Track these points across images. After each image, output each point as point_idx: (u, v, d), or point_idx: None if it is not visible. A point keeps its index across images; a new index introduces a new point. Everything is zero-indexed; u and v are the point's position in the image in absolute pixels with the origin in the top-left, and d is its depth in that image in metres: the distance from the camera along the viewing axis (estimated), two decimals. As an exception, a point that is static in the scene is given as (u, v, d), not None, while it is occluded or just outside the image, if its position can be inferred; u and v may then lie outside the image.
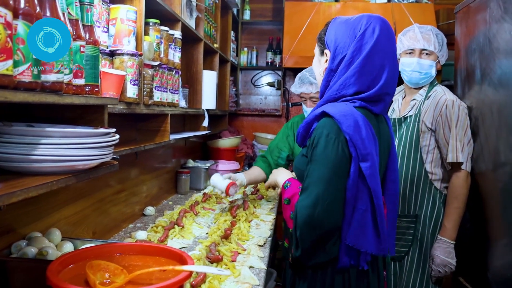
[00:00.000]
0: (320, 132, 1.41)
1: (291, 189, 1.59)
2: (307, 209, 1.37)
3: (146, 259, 1.15)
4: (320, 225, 1.37)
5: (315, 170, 1.40)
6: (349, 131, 1.37)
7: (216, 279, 1.57)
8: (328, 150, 1.38)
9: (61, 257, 1.07)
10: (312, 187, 1.38)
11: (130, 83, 1.78)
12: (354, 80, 1.44)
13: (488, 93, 2.17)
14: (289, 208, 1.54)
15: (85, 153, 1.09)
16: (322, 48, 1.57)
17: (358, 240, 1.42)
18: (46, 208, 1.60)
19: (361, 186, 1.41)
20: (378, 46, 1.44)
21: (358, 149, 1.38)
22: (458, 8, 2.52)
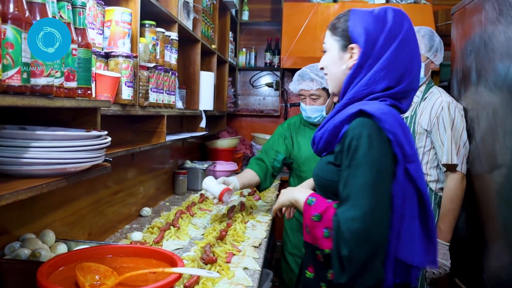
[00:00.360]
0: (359, 133, 1.24)
1: (320, 203, 1.34)
2: (355, 222, 1.18)
3: (138, 261, 1.15)
4: (372, 240, 1.19)
5: (358, 176, 1.22)
6: (392, 129, 1.23)
7: (209, 280, 1.57)
8: (372, 152, 1.22)
9: (52, 259, 1.07)
10: (357, 196, 1.21)
11: (125, 85, 1.79)
12: (384, 75, 1.32)
13: (484, 94, 2.18)
14: (321, 225, 1.29)
15: (76, 156, 1.10)
16: (345, 43, 1.40)
17: (409, 253, 1.26)
18: (40, 209, 1.61)
19: (409, 191, 1.27)
20: (406, 39, 1.34)
21: (404, 149, 1.25)
22: (454, 9, 2.52)
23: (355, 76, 1.37)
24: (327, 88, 2.30)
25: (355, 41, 1.37)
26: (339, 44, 1.43)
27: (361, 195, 1.20)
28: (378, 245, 1.20)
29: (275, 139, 2.68)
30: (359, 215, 1.18)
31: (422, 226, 1.29)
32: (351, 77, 1.37)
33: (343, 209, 1.22)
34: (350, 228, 1.18)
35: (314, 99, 2.50)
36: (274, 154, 2.61)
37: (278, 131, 2.72)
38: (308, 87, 2.49)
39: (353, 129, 1.26)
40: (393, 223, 1.24)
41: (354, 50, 1.38)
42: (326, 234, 1.27)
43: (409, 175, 1.26)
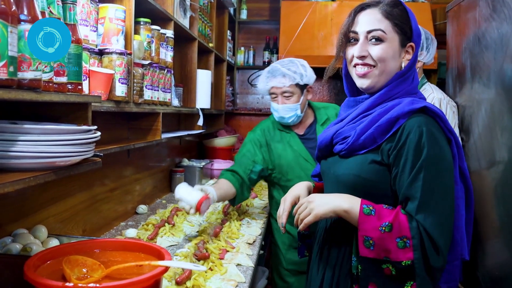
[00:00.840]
0: (427, 130, 1.18)
1: (383, 211, 1.21)
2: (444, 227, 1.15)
3: (126, 255, 1.16)
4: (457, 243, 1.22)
5: (436, 177, 1.16)
6: (452, 130, 1.24)
7: (201, 276, 1.58)
8: (445, 153, 1.19)
9: (40, 253, 1.08)
10: (439, 199, 1.16)
11: (119, 81, 1.80)
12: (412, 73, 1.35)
13: (479, 91, 2.18)
14: (393, 236, 1.16)
15: (64, 150, 1.11)
16: (405, 40, 1.33)
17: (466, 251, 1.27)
18: (33, 205, 1.61)
19: (461, 190, 1.26)
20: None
21: (460, 149, 1.26)
22: (450, 6, 2.52)
23: (405, 74, 1.32)
24: (300, 84, 2.26)
25: (414, 40, 1.34)
26: (401, 38, 1.33)
27: (443, 198, 1.16)
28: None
29: (249, 148, 2.38)
30: (445, 220, 1.15)
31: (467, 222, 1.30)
32: (403, 74, 1.32)
33: (424, 214, 1.15)
34: (441, 235, 1.13)
35: (287, 96, 2.28)
36: (250, 165, 2.31)
37: (250, 138, 2.42)
38: (280, 83, 2.26)
39: (418, 125, 1.19)
40: (458, 225, 1.23)
41: (410, 49, 1.34)
42: (402, 244, 1.15)
43: (462, 174, 1.26)
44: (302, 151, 2.33)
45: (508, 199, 1.93)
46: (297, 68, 2.27)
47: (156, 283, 1.00)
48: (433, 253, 1.13)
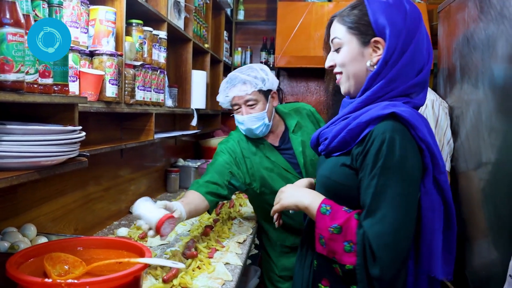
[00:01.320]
0: (391, 138, 1.13)
1: (338, 213, 1.21)
2: (385, 238, 1.10)
3: (109, 252, 1.18)
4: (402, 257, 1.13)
5: (389, 186, 1.13)
6: (425, 138, 1.16)
7: (188, 274, 1.61)
8: (405, 161, 1.13)
9: (23, 250, 1.11)
10: (388, 208, 1.12)
11: (109, 82, 1.82)
12: (408, 70, 1.23)
13: (468, 92, 2.20)
14: (342, 238, 1.18)
15: (48, 150, 1.13)
16: (367, 38, 1.26)
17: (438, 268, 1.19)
18: (24, 204, 1.64)
19: (437, 203, 1.20)
20: (423, 29, 1.25)
21: (435, 159, 1.18)
22: (441, 7, 2.54)
23: (380, 72, 1.24)
24: (264, 89, 2.10)
25: (379, 33, 1.24)
26: (358, 38, 1.28)
27: (393, 208, 1.11)
28: (405, 262, 1.15)
29: (226, 158, 2.15)
30: (390, 230, 1.10)
31: (445, 239, 1.22)
32: (376, 73, 1.24)
33: (371, 222, 1.13)
34: (380, 245, 1.10)
35: (251, 105, 2.10)
36: (228, 176, 2.09)
37: (225, 148, 2.21)
38: (241, 92, 2.08)
39: (382, 132, 1.15)
40: (425, 238, 1.18)
41: (378, 44, 1.25)
42: (348, 248, 1.16)
43: (438, 186, 1.20)
44: (281, 161, 2.18)
45: (495, 199, 1.95)
46: (257, 73, 2.11)
47: (135, 280, 1.02)
48: (371, 262, 1.11)
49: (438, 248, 1.18)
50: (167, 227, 1.53)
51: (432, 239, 1.18)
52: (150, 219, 1.53)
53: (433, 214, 1.18)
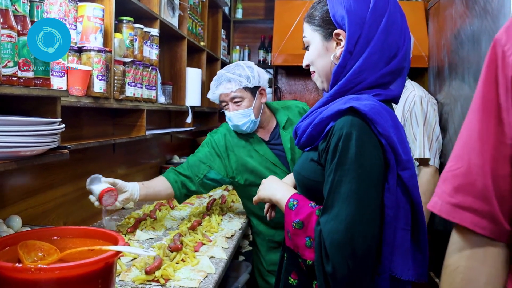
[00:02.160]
0: (348, 133, 1.10)
1: (302, 208, 1.21)
2: (337, 235, 1.07)
3: (85, 242, 1.21)
4: (357, 255, 1.07)
5: (344, 183, 1.09)
6: (386, 133, 1.10)
7: (171, 266, 1.63)
8: (362, 157, 1.08)
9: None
10: (342, 206, 1.08)
11: (97, 78, 1.85)
12: (377, 59, 1.18)
13: (456, 88, 2.21)
14: (303, 233, 1.18)
15: (27, 140, 1.16)
16: (328, 31, 1.24)
17: (403, 268, 1.15)
18: (11, 196, 1.67)
19: (402, 201, 1.14)
20: (393, 15, 1.20)
21: (398, 155, 1.12)
22: (431, 4, 2.56)
23: (345, 64, 1.20)
24: (249, 87, 2.17)
25: (339, 25, 1.21)
26: (321, 33, 1.26)
27: (345, 205, 1.08)
28: (365, 260, 1.08)
29: (207, 153, 2.25)
30: (343, 228, 1.06)
31: (413, 239, 1.17)
32: (341, 66, 1.20)
33: (326, 218, 1.10)
34: (332, 242, 1.07)
35: (237, 102, 2.17)
36: (205, 170, 2.19)
37: (210, 141, 2.31)
38: (226, 89, 2.17)
39: (340, 127, 1.11)
40: (387, 237, 1.13)
41: (340, 36, 1.21)
42: (308, 243, 1.16)
43: (402, 183, 1.14)
44: (269, 155, 2.24)
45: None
46: (243, 71, 2.18)
47: (107, 267, 1.05)
48: (325, 259, 1.09)
49: (402, 248, 1.14)
50: (108, 199, 1.80)
51: (394, 238, 1.13)
52: (95, 191, 1.81)
53: (396, 212, 1.13)
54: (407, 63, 1.24)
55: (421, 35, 4.14)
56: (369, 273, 1.11)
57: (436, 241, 2.41)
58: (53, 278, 0.96)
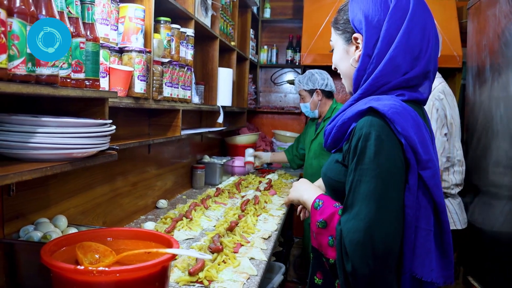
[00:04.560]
0: (367, 133, 1.11)
1: (326, 208, 1.24)
2: (357, 234, 1.07)
3: (137, 243, 1.21)
4: (378, 255, 1.06)
5: (363, 182, 1.10)
6: (405, 133, 1.10)
7: (214, 267, 1.63)
8: (381, 156, 1.09)
9: (56, 239, 1.14)
10: (361, 205, 1.09)
11: (138, 78, 1.86)
12: (400, 62, 1.17)
13: (498, 88, 2.15)
14: (327, 232, 1.20)
15: (80, 142, 1.17)
16: (348, 35, 1.27)
17: (425, 269, 1.14)
18: (55, 196, 1.69)
19: (423, 201, 1.14)
20: (416, 16, 1.18)
21: (418, 154, 1.11)
22: (471, 4, 2.50)
23: (364, 68, 1.22)
24: (306, 89, 3.23)
25: (357, 30, 1.24)
26: (342, 37, 1.29)
27: (365, 204, 1.08)
28: (385, 259, 1.07)
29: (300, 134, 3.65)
30: (362, 227, 1.07)
31: (437, 240, 1.15)
32: (360, 69, 1.23)
33: (346, 218, 1.12)
34: (352, 241, 1.08)
35: (302, 98, 3.29)
36: (296, 143, 3.57)
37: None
38: (296, 88, 3.34)
39: (360, 128, 1.13)
40: (407, 236, 1.12)
41: (358, 40, 1.24)
42: (331, 242, 1.18)
43: (423, 183, 1.13)
44: (311, 133, 3.34)
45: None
46: (304, 78, 3.25)
47: (163, 270, 1.05)
48: (346, 258, 1.10)
49: (423, 248, 1.13)
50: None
51: (416, 238, 1.13)
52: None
53: (417, 212, 1.12)
54: (433, 65, 1.23)
55: (453, 34, 4.07)
56: (391, 272, 1.11)
57: (471, 244, 2.36)
58: (113, 281, 0.96)
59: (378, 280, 1.08)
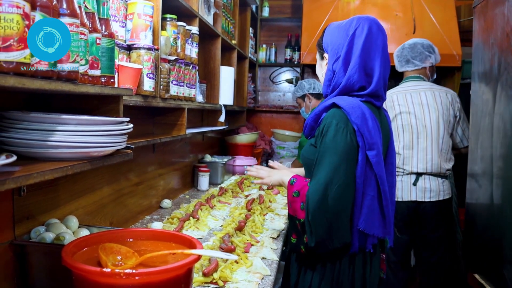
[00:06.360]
0: (329, 121, 1.49)
1: (299, 182, 1.61)
2: (317, 193, 1.43)
3: (158, 244, 1.18)
4: (331, 209, 1.43)
5: (324, 157, 1.47)
6: (357, 121, 1.47)
7: (228, 268, 1.60)
8: (337, 138, 1.46)
9: (75, 240, 1.11)
10: (322, 173, 1.45)
11: (147, 76, 1.83)
12: (357, 77, 1.54)
13: (506, 88, 2.15)
14: (299, 199, 1.56)
15: (99, 140, 1.13)
16: (321, 53, 1.70)
17: (367, 224, 1.51)
18: (64, 196, 1.65)
19: (369, 174, 1.51)
20: (368, 44, 1.55)
21: (365, 138, 1.48)
22: (476, 2, 2.49)
23: (330, 79, 1.63)
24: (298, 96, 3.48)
25: (326, 50, 1.67)
26: (319, 54, 1.74)
27: (323, 172, 1.45)
28: (337, 214, 1.44)
29: None
30: (320, 188, 1.43)
31: (380, 204, 1.53)
32: (328, 80, 1.64)
33: (312, 183, 1.48)
34: (313, 199, 1.44)
35: (299, 105, 3.56)
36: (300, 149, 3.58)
37: None
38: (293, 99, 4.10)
39: (326, 118, 1.53)
40: (356, 199, 1.49)
41: (327, 59, 1.66)
42: (302, 206, 1.53)
43: (368, 160, 1.50)
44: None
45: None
46: (296, 88, 3.54)
47: (189, 271, 1.02)
48: (308, 212, 1.45)
49: (368, 209, 1.50)
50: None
51: (363, 201, 1.50)
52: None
53: (365, 181, 1.49)
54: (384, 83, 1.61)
55: (452, 33, 4.07)
56: (344, 225, 1.47)
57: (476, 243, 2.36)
58: (139, 283, 0.93)
59: (334, 230, 1.45)
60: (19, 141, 1.04)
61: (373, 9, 4.18)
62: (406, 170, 2.78)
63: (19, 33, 0.87)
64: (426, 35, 3.92)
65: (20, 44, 0.87)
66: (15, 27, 0.85)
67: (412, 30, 4.03)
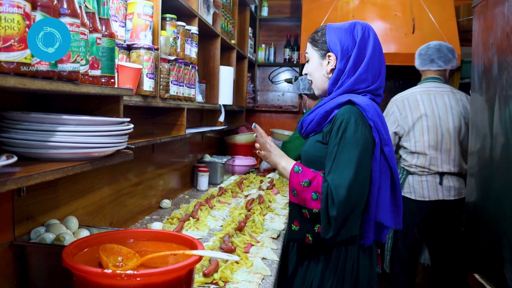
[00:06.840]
0: (347, 117, 1.55)
1: (308, 172, 1.60)
2: (343, 189, 1.48)
3: (159, 245, 1.18)
4: (352, 203, 1.50)
5: (344, 152, 1.52)
6: (374, 118, 1.56)
7: (228, 268, 1.60)
8: (357, 133, 1.53)
9: (76, 241, 1.11)
10: (345, 168, 1.50)
11: (147, 76, 1.82)
12: (365, 77, 1.64)
13: (506, 88, 2.15)
14: (310, 189, 1.56)
15: (100, 141, 1.13)
16: (324, 52, 1.71)
17: (384, 216, 1.61)
18: (64, 197, 1.65)
19: (384, 167, 1.60)
20: (375, 47, 1.66)
21: (381, 134, 1.57)
22: (476, 2, 2.49)
23: (338, 78, 1.67)
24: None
25: (332, 50, 1.68)
26: (318, 53, 1.73)
27: (346, 168, 1.50)
28: (355, 207, 1.52)
29: None
30: (346, 184, 1.48)
31: (392, 195, 1.64)
32: (334, 79, 1.68)
33: (332, 177, 1.51)
34: (338, 194, 1.48)
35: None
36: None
37: None
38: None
39: (342, 114, 1.57)
40: (373, 193, 1.57)
41: (331, 58, 1.69)
42: (315, 197, 1.53)
43: (384, 155, 1.59)
44: None
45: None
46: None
47: (190, 272, 1.02)
48: (331, 206, 1.48)
49: (385, 202, 1.60)
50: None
51: (379, 194, 1.59)
52: None
53: (380, 175, 1.58)
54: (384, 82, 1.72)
55: (451, 33, 4.07)
56: (359, 219, 1.59)
57: (476, 243, 2.36)
58: (141, 284, 0.93)
59: (347, 222, 1.53)
60: (19, 141, 1.04)
61: (373, 8, 4.18)
62: (432, 170, 2.87)
63: (20, 33, 0.86)
64: (425, 34, 3.93)
65: (21, 44, 0.87)
66: (15, 27, 0.85)
67: (411, 29, 4.04)
